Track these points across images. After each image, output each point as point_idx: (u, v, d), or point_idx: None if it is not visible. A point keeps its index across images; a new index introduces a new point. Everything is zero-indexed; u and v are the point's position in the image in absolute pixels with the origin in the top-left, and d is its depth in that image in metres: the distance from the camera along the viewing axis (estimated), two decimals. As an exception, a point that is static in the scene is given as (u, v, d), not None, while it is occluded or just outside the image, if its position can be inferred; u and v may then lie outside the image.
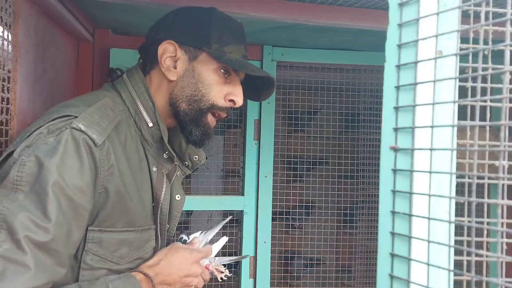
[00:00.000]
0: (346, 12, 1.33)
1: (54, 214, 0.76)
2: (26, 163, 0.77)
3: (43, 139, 0.80)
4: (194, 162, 1.13)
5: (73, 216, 0.79)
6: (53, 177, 0.76)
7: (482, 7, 0.50)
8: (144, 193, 0.97)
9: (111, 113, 0.91)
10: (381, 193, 0.58)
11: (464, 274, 0.48)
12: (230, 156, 2.17)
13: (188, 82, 0.99)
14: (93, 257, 0.87)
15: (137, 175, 0.94)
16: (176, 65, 1.00)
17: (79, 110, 0.85)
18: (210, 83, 0.99)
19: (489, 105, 0.49)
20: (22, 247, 0.72)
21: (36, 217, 0.74)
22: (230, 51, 1.00)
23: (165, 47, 0.99)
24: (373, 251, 2.34)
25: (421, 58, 0.55)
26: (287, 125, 2.43)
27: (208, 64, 0.99)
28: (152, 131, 0.99)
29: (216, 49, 0.99)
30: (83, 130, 0.82)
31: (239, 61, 1.00)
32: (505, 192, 0.44)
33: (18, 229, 0.72)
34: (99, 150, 0.83)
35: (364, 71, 2.01)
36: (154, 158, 1.01)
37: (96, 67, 1.71)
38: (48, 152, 0.78)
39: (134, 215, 0.93)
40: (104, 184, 0.85)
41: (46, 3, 1.17)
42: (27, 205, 0.75)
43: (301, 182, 2.36)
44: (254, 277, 1.85)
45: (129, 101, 0.98)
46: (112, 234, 0.89)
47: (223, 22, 1.02)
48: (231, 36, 1.01)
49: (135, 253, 0.95)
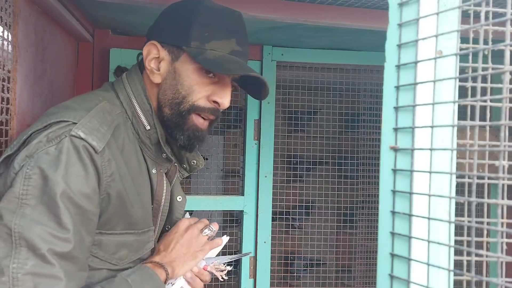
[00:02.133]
0: (346, 12, 1.33)
1: (70, 224, 0.76)
2: (32, 176, 0.76)
3: (43, 148, 0.79)
4: (192, 166, 1.12)
5: (82, 222, 0.79)
6: (61, 188, 0.76)
7: (482, 7, 0.49)
8: (144, 196, 0.97)
9: (109, 117, 0.89)
10: (381, 193, 0.58)
11: (464, 274, 0.48)
12: (230, 156, 2.17)
13: (169, 85, 0.94)
14: (93, 258, 0.87)
15: (136, 179, 0.94)
16: (160, 67, 0.95)
17: (78, 115, 0.84)
18: (190, 84, 0.93)
19: (489, 105, 0.49)
20: (49, 260, 0.72)
21: (52, 229, 0.74)
22: (212, 47, 0.92)
23: (148, 49, 0.96)
24: (373, 251, 2.34)
25: (421, 58, 0.55)
26: (287, 125, 2.43)
27: (187, 64, 0.93)
28: (149, 134, 0.97)
29: (196, 47, 0.92)
30: (82, 137, 0.80)
31: (216, 59, 0.90)
32: (505, 192, 0.44)
33: (39, 244, 0.72)
34: (100, 157, 0.82)
35: (364, 71, 2.01)
36: (152, 159, 1.00)
37: (96, 67, 1.71)
38: (51, 162, 0.77)
39: (134, 218, 0.93)
40: (107, 189, 0.85)
41: (46, 3, 1.17)
42: (38, 218, 0.74)
43: (301, 182, 2.35)
44: (254, 277, 1.85)
45: (127, 102, 0.96)
46: (112, 237, 0.89)
47: (209, 15, 0.94)
48: (217, 31, 0.93)
49: (134, 255, 0.95)
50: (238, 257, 1.23)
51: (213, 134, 2.33)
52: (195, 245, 1.02)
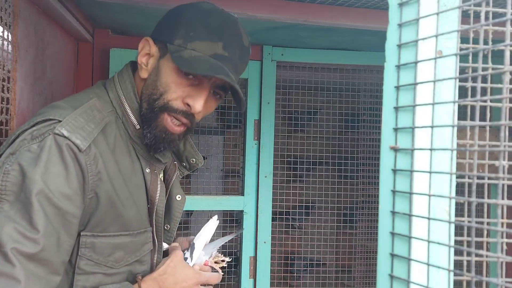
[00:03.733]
0: (346, 12, 1.33)
1: (41, 225, 0.74)
2: (10, 172, 0.76)
3: (26, 145, 0.78)
4: (192, 165, 1.11)
5: (61, 223, 0.78)
6: (37, 187, 0.75)
7: (482, 7, 0.49)
8: (138, 196, 0.95)
9: (98, 115, 0.87)
10: (381, 193, 0.58)
11: (464, 274, 0.48)
12: (230, 156, 2.17)
13: (151, 80, 0.92)
14: (87, 262, 0.86)
15: (129, 179, 0.92)
16: (148, 62, 0.94)
17: (64, 114, 0.83)
18: (167, 82, 0.90)
19: (489, 105, 0.49)
20: (10, 260, 0.71)
21: (23, 228, 0.73)
22: (193, 47, 0.89)
23: (142, 44, 0.95)
24: (373, 251, 2.34)
25: (421, 58, 0.55)
26: (287, 125, 2.43)
27: (169, 62, 0.90)
28: (139, 133, 0.94)
29: (178, 45, 0.89)
30: (66, 135, 0.79)
31: (190, 59, 0.87)
32: (505, 192, 0.44)
33: (5, 241, 0.71)
34: (85, 155, 0.81)
35: (364, 71, 2.01)
36: (145, 159, 0.97)
37: (95, 67, 1.71)
38: (31, 160, 0.77)
39: (127, 219, 0.91)
40: (94, 189, 0.83)
41: (46, 3, 1.17)
42: (13, 216, 0.73)
43: (301, 182, 2.36)
44: (254, 277, 1.85)
45: (116, 101, 0.94)
46: (106, 239, 0.88)
47: (200, 16, 0.91)
48: (203, 32, 0.90)
49: (131, 257, 0.94)
50: (232, 237, 1.22)
51: (213, 134, 2.33)
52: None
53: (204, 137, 2.27)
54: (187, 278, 0.96)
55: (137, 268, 0.96)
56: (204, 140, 2.27)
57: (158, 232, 1.01)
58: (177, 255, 0.99)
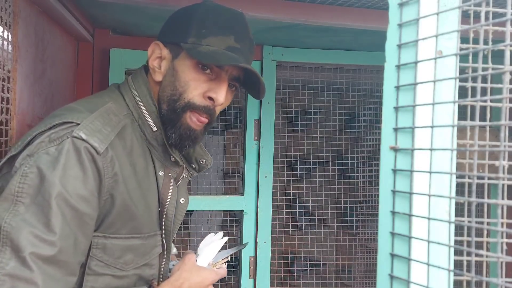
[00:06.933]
0: (346, 12, 1.33)
1: (58, 227, 0.75)
2: (28, 175, 0.76)
3: (44, 148, 0.79)
4: (201, 165, 1.11)
5: (78, 225, 0.79)
6: (56, 189, 0.75)
7: (482, 7, 0.49)
8: (151, 199, 0.96)
9: (114, 118, 0.89)
10: (381, 193, 0.58)
11: (464, 274, 0.48)
12: (230, 156, 2.17)
13: (168, 81, 0.95)
14: (98, 262, 0.86)
15: (143, 181, 0.93)
16: (161, 65, 0.97)
17: (81, 117, 0.84)
18: (186, 80, 0.93)
19: (489, 105, 0.49)
20: (28, 264, 0.71)
21: (40, 231, 0.73)
22: (208, 43, 0.92)
23: (152, 48, 0.97)
24: (373, 251, 2.34)
25: (421, 58, 0.55)
26: (287, 125, 2.42)
27: (186, 60, 0.94)
28: (156, 135, 0.97)
29: (192, 43, 0.92)
30: (84, 138, 0.80)
31: (208, 52, 0.91)
32: (505, 192, 0.44)
33: (23, 246, 0.71)
34: (102, 158, 0.82)
35: (364, 71, 2.01)
36: (160, 162, 0.99)
37: (95, 67, 1.71)
38: (50, 163, 0.77)
39: (139, 221, 0.92)
40: (110, 191, 0.84)
41: (46, 3, 1.17)
42: (29, 219, 0.74)
43: (301, 182, 2.35)
44: (254, 277, 1.85)
45: (132, 104, 0.96)
46: (117, 241, 0.88)
47: (208, 13, 0.95)
48: (214, 28, 0.93)
49: (140, 260, 0.94)
50: (236, 250, 1.22)
51: (213, 134, 2.33)
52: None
53: (204, 137, 2.27)
54: (204, 279, 0.99)
55: (145, 272, 0.97)
56: (204, 140, 2.26)
57: (167, 236, 1.01)
58: (189, 258, 1.01)
